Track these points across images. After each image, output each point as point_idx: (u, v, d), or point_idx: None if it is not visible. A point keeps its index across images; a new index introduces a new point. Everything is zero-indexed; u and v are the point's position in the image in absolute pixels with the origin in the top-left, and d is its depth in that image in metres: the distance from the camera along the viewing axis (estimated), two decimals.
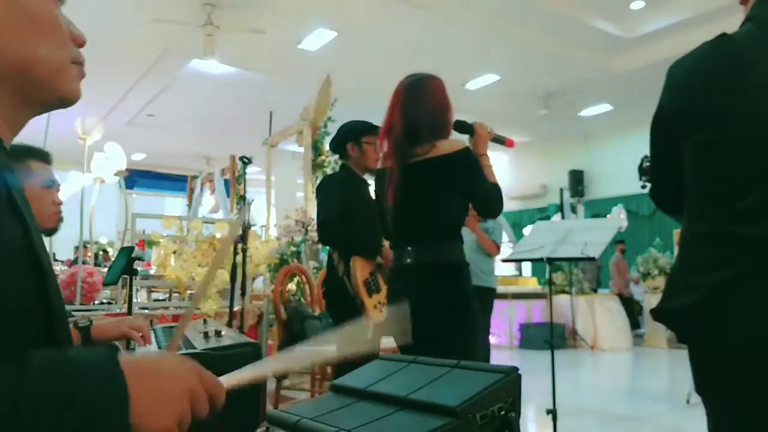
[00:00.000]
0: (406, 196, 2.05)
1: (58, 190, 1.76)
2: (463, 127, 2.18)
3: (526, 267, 11.22)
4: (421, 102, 2.04)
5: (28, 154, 1.69)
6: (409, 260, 2.01)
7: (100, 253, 9.56)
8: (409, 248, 2.02)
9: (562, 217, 10.86)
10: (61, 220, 1.77)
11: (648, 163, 1.42)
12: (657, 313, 1.17)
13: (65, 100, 0.68)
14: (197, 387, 0.56)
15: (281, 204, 6.96)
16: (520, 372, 0.75)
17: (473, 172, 2.02)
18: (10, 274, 0.55)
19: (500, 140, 2.32)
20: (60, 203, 1.74)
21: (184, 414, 0.54)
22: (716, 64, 1.14)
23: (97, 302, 4.80)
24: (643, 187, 1.52)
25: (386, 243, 2.85)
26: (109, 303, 4.97)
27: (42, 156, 1.73)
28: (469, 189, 2.03)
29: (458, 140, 2.04)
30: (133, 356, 0.54)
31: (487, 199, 2.07)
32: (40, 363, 0.47)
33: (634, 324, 9.25)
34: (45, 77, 0.64)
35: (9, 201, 0.57)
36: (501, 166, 13.16)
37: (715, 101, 1.12)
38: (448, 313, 1.93)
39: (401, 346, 2.10)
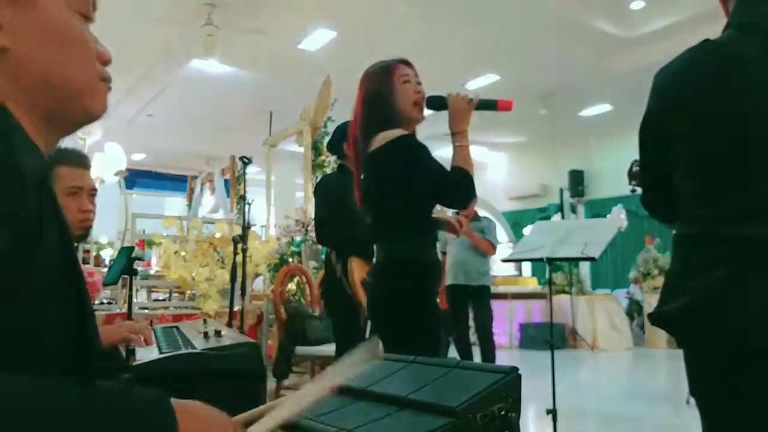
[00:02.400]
0: (362, 195, 2.00)
1: (91, 196, 1.69)
2: (435, 103, 1.90)
3: (526, 267, 11.20)
4: (358, 97, 1.95)
5: (57, 159, 1.60)
6: (374, 258, 1.96)
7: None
8: (376, 246, 1.96)
9: (562, 217, 10.86)
10: (89, 227, 1.70)
11: (637, 168, 1.43)
12: (654, 318, 1.17)
13: (92, 116, 0.69)
14: None
15: (281, 204, 6.96)
16: (520, 372, 0.75)
17: (409, 162, 1.81)
18: (53, 285, 0.56)
19: (489, 105, 1.89)
20: (89, 210, 1.67)
21: None
22: (701, 68, 1.15)
23: (97, 302, 4.79)
24: (633, 191, 1.52)
25: None
26: (109, 303, 4.97)
27: (75, 160, 1.65)
28: (411, 180, 1.81)
29: (392, 131, 1.83)
30: (182, 401, 0.59)
31: (440, 186, 1.84)
32: (107, 393, 0.53)
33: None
34: (73, 95, 0.65)
35: (54, 212, 0.57)
36: (501, 166, 13.17)
37: (701, 104, 1.13)
38: (396, 310, 1.82)
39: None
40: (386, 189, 1.87)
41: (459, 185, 1.82)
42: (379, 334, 1.91)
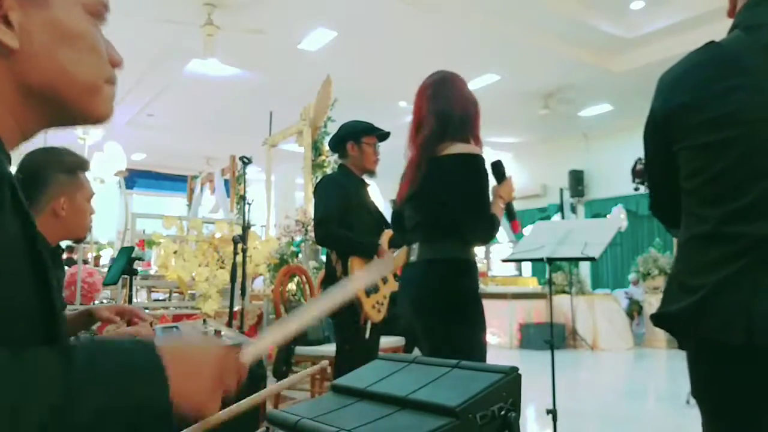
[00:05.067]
0: (414, 194, 2.05)
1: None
2: (497, 169, 2.17)
3: (526, 267, 11.21)
4: (451, 96, 2.04)
5: (80, 166, 1.72)
6: (413, 257, 2.04)
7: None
8: (416, 245, 2.04)
9: (562, 217, 10.86)
10: (89, 231, 1.80)
11: (641, 166, 1.44)
12: (657, 318, 1.17)
13: (96, 119, 0.70)
14: (225, 367, 0.62)
15: (281, 204, 6.96)
16: (520, 372, 0.75)
17: (471, 181, 1.96)
18: (12, 272, 0.56)
19: (511, 211, 2.21)
20: (93, 213, 1.78)
21: (215, 392, 0.60)
22: (706, 69, 1.15)
23: (97, 302, 4.80)
24: (636, 189, 1.52)
25: (384, 244, 2.86)
26: (109, 303, 4.97)
27: (87, 168, 1.78)
28: (462, 196, 1.96)
29: (473, 147, 2.00)
30: (169, 341, 0.59)
31: (472, 219, 1.97)
32: (87, 350, 0.52)
33: None
34: (76, 97, 0.66)
35: (12, 198, 0.57)
36: None
37: (706, 105, 1.12)
38: (446, 309, 1.93)
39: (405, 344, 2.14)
40: (449, 190, 1.97)
41: (490, 225, 2.03)
42: (434, 331, 1.96)
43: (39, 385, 0.47)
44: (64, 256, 7.57)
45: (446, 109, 2.01)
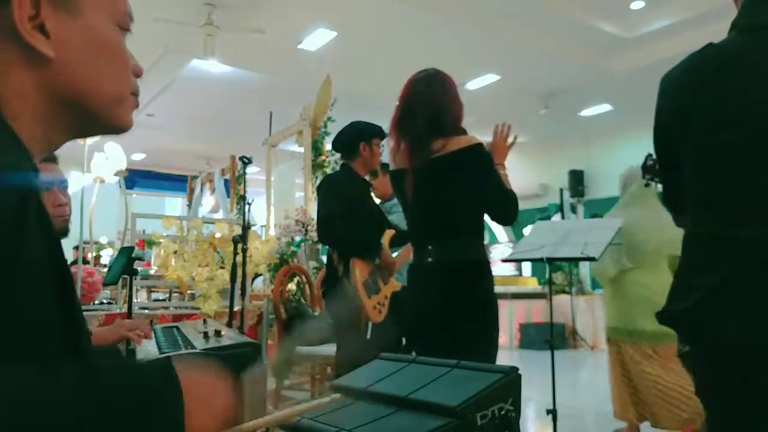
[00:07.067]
0: (423, 195, 2.03)
1: (63, 193, 1.71)
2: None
3: (526, 267, 11.20)
4: (444, 94, 2.03)
5: None
6: (430, 259, 2.00)
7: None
8: (430, 247, 2.00)
9: (562, 217, 10.86)
10: (65, 222, 1.72)
11: (651, 162, 1.45)
12: (661, 317, 1.18)
13: (119, 129, 0.71)
14: (231, 401, 0.62)
15: (281, 204, 6.95)
16: (520, 372, 0.75)
17: (484, 168, 1.97)
18: (34, 288, 0.55)
19: None
20: (63, 204, 1.69)
21: (222, 423, 0.60)
22: (703, 71, 1.16)
23: (97, 302, 4.79)
24: (647, 185, 1.53)
25: (385, 244, 2.86)
26: (109, 303, 4.96)
27: (46, 157, 1.71)
28: (479, 185, 1.97)
29: (473, 137, 1.99)
30: (187, 366, 0.59)
31: (498, 198, 2.01)
32: (113, 370, 0.53)
33: None
34: (104, 107, 0.67)
35: (38, 213, 0.57)
36: None
37: (705, 110, 1.14)
38: (469, 313, 1.91)
39: (417, 346, 2.12)
40: (462, 189, 1.95)
41: (512, 204, 2.04)
42: (456, 334, 1.91)
43: (58, 405, 0.47)
44: (71, 257, 7.56)
45: (439, 106, 1.99)
